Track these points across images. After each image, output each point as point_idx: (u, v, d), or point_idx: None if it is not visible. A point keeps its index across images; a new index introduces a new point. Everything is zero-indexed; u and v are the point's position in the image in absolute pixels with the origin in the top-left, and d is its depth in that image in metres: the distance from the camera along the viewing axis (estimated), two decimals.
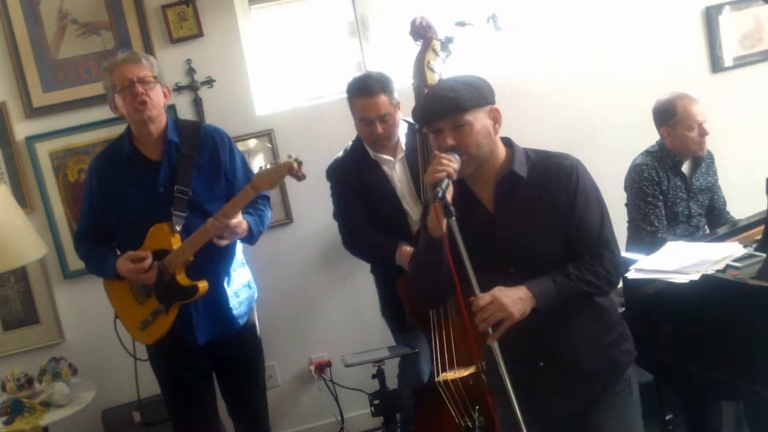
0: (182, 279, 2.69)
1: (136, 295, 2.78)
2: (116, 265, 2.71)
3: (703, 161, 3.40)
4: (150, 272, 2.65)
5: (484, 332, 1.92)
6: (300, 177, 2.50)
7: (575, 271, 2.01)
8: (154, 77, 2.67)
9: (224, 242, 2.67)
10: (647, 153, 3.35)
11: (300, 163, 2.47)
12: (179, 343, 2.79)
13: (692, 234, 3.34)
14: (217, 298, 2.78)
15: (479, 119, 1.99)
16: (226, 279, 2.81)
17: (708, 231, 3.43)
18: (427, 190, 1.94)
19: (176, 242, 2.67)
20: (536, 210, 2.04)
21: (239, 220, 2.65)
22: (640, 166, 3.31)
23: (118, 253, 2.80)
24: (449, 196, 1.92)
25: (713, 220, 3.47)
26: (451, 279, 1.94)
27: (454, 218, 1.89)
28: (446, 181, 1.90)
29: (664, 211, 3.27)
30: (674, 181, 3.30)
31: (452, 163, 1.93)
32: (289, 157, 2.48)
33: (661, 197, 3.26)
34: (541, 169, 2.07)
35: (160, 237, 2.68)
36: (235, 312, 2.84)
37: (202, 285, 2.70)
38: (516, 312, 1.92)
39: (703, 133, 3.26)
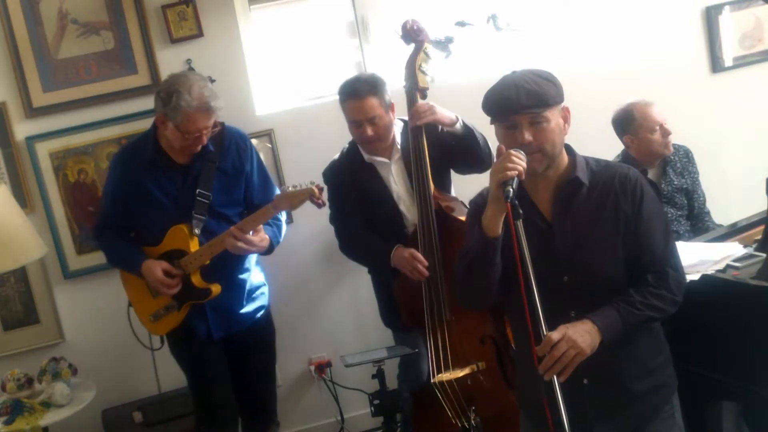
0: (197, 281, 2.77)
1: (151, 287, 2.84)
2: (142, 267, 2.76)
3: (677, 163, 3.38)
4: (173, 289, 2.73)
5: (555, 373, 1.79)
6: (321, 204, 2.60)
7: (639, 297, 1.90)
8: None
9: (241, 252, 2.73)
10: None
11: (321, 190, 2.57)
12: (195, 333, 2.87)
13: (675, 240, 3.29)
14: (230, 299, 2.85)
15: (555, 116, 1.92)
16: (240, 281, 2.88)
17: (693, 235, 3.35)
18: (493, 187, 1.84)
19: (194, 245, 2.75)
20: (598, 219, 1.95)
21: (262, 236, 2.72)
22: None
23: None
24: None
25: (693, 223, 3.41)
26: (500, 281, 1.92)
27: (520, 221, 1.78)
28: (516, 180, 1.80)
29: None
30: None
31: (523, 161, 1.84)
32: (312, 183, 2.56)
33: None
34: (603, 177, 1.98)
35: (178, 238, 2.75)
36: (248, 312, 2.91)
37: (215, 288, 2.78)
38: (587, 347, 1.82)
39: (666, 134, 3.25)
